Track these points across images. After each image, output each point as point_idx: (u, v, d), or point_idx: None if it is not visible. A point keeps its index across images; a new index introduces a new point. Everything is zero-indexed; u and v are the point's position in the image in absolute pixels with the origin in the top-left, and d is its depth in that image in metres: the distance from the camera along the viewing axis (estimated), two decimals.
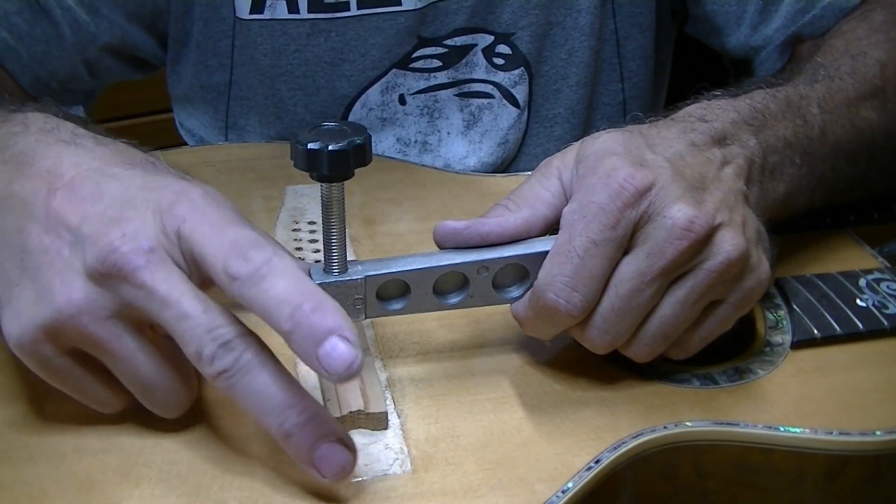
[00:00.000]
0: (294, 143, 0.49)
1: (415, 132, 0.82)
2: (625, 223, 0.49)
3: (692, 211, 0.49)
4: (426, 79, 0.80)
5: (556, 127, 0.83)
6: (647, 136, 0.53)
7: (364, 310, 0.52)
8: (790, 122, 0.59)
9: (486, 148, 0.82)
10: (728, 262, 0.50)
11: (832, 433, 0.51)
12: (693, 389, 0.54)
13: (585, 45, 0.80)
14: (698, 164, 0.52)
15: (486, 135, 0.82)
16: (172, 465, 0.48)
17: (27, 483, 0.47)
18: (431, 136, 0.82)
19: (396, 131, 0.81)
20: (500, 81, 0.80)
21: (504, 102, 0.81)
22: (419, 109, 0.81)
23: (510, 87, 0.81)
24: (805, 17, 0.75)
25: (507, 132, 0.82)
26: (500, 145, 0.82)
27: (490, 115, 0.81)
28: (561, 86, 0.82)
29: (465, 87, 0.80)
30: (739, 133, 0.56)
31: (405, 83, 0.80)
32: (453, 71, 0.80)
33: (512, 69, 0.80)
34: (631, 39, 0.82)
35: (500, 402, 0.53)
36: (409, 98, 0.80)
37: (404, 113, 0.81)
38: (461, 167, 0.82)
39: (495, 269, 0.53)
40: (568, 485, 0.47)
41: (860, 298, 0.60)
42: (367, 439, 0.50)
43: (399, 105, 0.80)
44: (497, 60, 0.80)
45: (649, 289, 0.49)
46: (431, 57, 0.79)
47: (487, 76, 0.80)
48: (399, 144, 0.82)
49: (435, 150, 0.82)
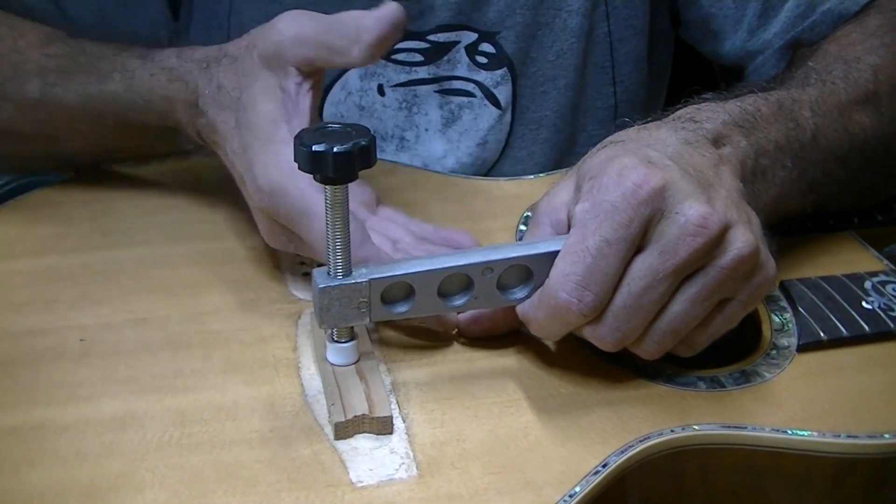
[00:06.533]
0: (298, 144, 0.48)
1: (392, 126, 0.81)
2: (638, 221, 0.48)
3: (705, 208, 0.49)
4: (406, 72, 0.79)
5: (542, 129, 0.82)
6: (640, 138, 0.53)
7: (368, 313, 0.52)
8: (781, 126, 0.59)
9: (464, 148, 0.81)
10: (740, 259, 0.49)
11: (840, 436, 0.51)
12: (700, 392, 0.54)
13: (575, 48, 0.80)
14: (698, 163, 0.52)
15: (465, 134, 0.81)
16: (175, 470, 0.47)
17: (29, 489, 0.46)
18: (409, 131, 0.81)
19: (374, 123, 0.80)
20: (482, 81, 0.80)
21: (485, 102, 0.80)
22: (398, 102, 0.80)
23: (492, 87, 0.80)
24: (805, 23, 0.75)
25: (487, 133, 0.81)
26: (479, 145, 0.81)
27: (470, 115, 0.81)
28: (548, 88, 0.81)
29: (445, 83, 0.80)
30: (731, 134, 0.56)
31: (385, 74, 0.79)
32: (434, 67, 0.79)
33: (495, 69, 0.79)
34: (625, 42, 0.82)
35: (506, 405, 0.52)
36: (389, 90, 0.79)
37: (383, 105, 0.80)
38: (439, 167, 0.81)
39: (500, 270, 0.53)
40: (575, 489, 0.47)
41: (866, 301, 0.60)
42: (373, 444, 0.49)
43: (378, 95, 0.79)
44: (480, 59, 0.79)
45: (661, 286, 0.49)
46: (413, 51, 0.78)
47: (469, 74, 0.79)
48: (376, 138, 0.81)
49: (412, 147, 0.81)
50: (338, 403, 0.51)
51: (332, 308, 0.51)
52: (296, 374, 0.54)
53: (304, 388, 0.53)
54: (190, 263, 0.63)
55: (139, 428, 0.50)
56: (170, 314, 0.58)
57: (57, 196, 0.71)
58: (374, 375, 0.53)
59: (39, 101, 0.67)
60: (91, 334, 0.57)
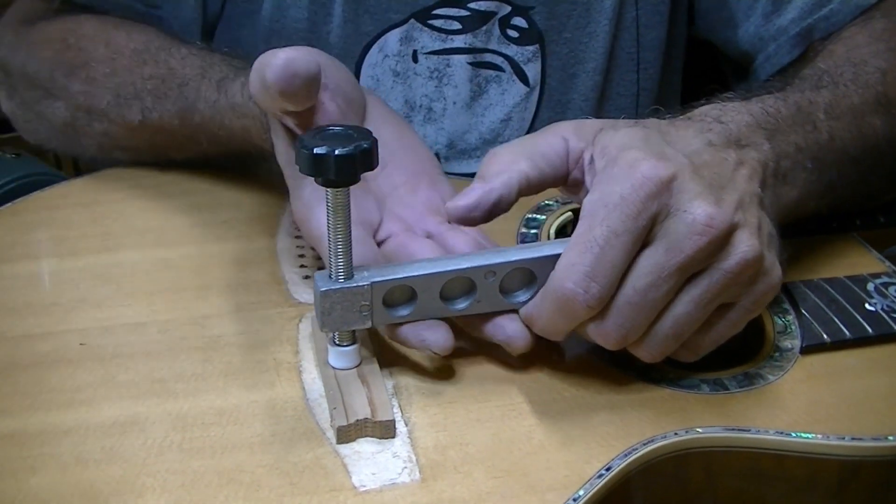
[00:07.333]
0: (299, 147, 0.48)
1: (421, 95, 0.80)
2: (646, 215, 0.48)
3: (712, 208, 0.49)
4: (442, 40, 0.79)
5: (567, 112, 0.82)
6: (665, 132, 0.53)
7: (370, 316, 0.52)
8: (800, 128, 0.59)
9: (487, 122, 0.81)
10: (744, 263, 0.49)
11: (845, 438, 0.51)
12: (703, 395, 0.53)
13: (606, 30, 0.80)
14: (715, 164, 0.52)
15: (490, 108, 0.81)
16: (176, 475, 0.47)
17: (29, 495, 0.46)
18: (437, 102, 0.81)
19: (406, 92, 0.80)
20: (512, 55, 0.80)
21: (514, 78, 0.80)
22: (429, 71, 0.80)
23: (522, 63, 0.80)
24: (821, 11, 0.75)
25: (512, 109, 0.81)
26: (502, 121, 0.81)
27: (497, 89, 0.80)
28: (577, 70, 0.81)
29: (479, 55, 0.79)
30: (754, 136, 0.55)
31: (421, 39, 0.79)
32: (471, 36, 0.79)
33: (525, 44, 0.79)
34: (651, 29, 0.82)
35: (509, 409, 0.52)
36: (422, 57, 0.79)
37: (414, 72, 0.80)
38: (462, 144, 0.81)
39: (502, 273, 0.52)
40: (579, 492, 0.47)
41: (869, 302, 0.60)
42: (375, 448, 0.49)
43: (412, 62, 0.79)
44: (511, 33, 0.79)
45: (666, 284, 0.49)
46: (452, 18, 0.78)
47: (499, 48, 0.79)
48: (406, 108, 0.81)
49: (439, 119, 0.81)
50: (340, 407, 0.50)
51: (334, 311, 0.51)
52: (297, 378, 0.54)
53: (306, 392, 0.52)
54: (190, 267, 0.63)
55: (140, 432, 0.49)
56: (170, 318, 0.58)
57: (56, 199, 0.71)
58: (376, 379, 0.53)
59: (141, 123, 0.71)
60: (91, 338, 0.56)
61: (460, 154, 0.82)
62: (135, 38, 0.73)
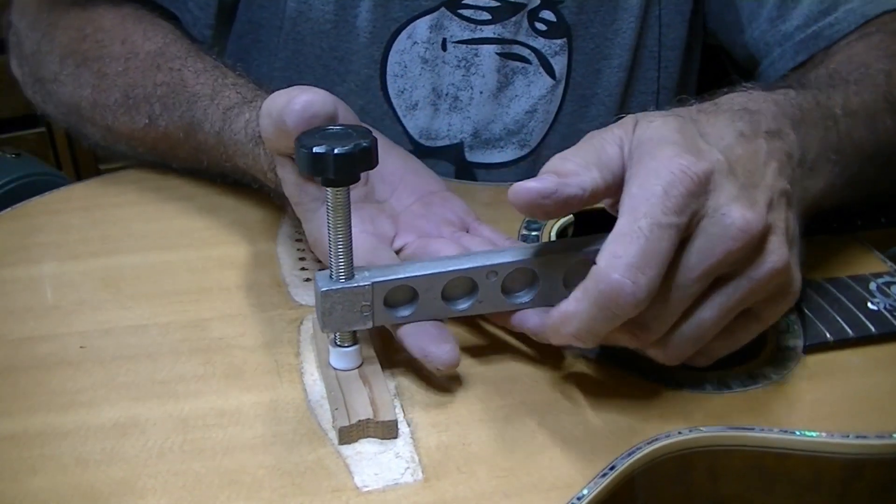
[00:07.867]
0: (298, 146, 0.48)
1: (448, 83, 0.80)
2: (688, 211, 0.47)
3: (749, 212, 0.48)
4: (472, 30, 0.79)
5: (591, 107, 0.83)
6: (699, 123, 0.52)
7: (371, 317, 0.51)
8: (821, 122, 0.59)
9: (512, 113, 0.81)
10: (773, 272, 0.49)
11: (849, 436, 0.51)
12: (707, 394, 0.53)
13: (632, 27, 0.80)
14: (747, 158, 0.51)
15: (516, 100, 0.81)
16: (177, 477, 0.47)
17: (30, 496, 0.46)
18: (463, 91, 0.80)
19: (434, 79, 0.80)
20: (539, 48, 0.80)
21: (540, 70, 0.80)
22: (457, 59, 0.80)
23: (549, 56, 0.80)
24: (826, 19, 0.75)
25: (538, 101, 0.81)
26: (527, 113, 0.81)
27: (524, 81, 0.81)
28: (602, 66, 0.82)
29: (507, 47, 0.79)
30: (782, 127, 0.55)
31: (450, 28, 0.78)
32: (500, 27, 0.79)
33: (553, 37, 0.79)
34: (672, 28, 0.82)
35: (512, 408, 0.52)
36: (451, 46, 0.79)
37: (443, 61, 0.79)
38: (487, 134, 0.81)
39: (504, 273, 0.52)
40: (583, 491, 0.47)
41: (871, 302, 0.60)
42: (377, 448, 0.49)
43: (441, 50, 0.79)
44: (539, 26, 0.79)
45: (695, 286, 0.48)
46: (482, 9, 0.78)
47: (527, 40, 0.79)
48: (433, 95, 0.80)
49: (465, 108, 0.81)
50: (341, 408, 0.50)
51: (335, 312, 0.51)
52: (298, 379, 0.53)
53: (308, 393, 0.52)
54: (190, 269, 0.63)
55: (141, 434, 0.49)
56: (170, 320, 0.58)
57: (56, 203, 0.71)
58: (377, 379, 0.52)
59: (147, 127, 0.72)
60: (91, 341, 0.56)
61: (485, 144, 0.82)
62: (151, 39, 0.73)
